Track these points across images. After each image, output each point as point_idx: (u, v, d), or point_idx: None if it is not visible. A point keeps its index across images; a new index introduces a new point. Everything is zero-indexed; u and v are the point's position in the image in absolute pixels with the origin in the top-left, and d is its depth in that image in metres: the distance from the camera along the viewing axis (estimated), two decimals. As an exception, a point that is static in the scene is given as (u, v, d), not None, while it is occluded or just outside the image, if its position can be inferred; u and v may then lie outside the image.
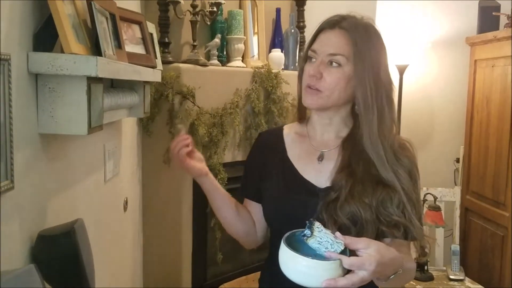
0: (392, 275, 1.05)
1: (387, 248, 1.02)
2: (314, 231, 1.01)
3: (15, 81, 0.85)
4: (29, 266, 0.79)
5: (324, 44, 1.23)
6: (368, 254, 0.97)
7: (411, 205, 1.19)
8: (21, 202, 0.89)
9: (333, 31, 1.23)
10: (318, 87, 1.22)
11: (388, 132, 1.23)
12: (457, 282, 2.67)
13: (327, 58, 1.21)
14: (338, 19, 1.24)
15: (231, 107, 2.30)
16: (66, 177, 1.14)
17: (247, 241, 1.40)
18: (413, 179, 1.23)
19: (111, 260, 1.59)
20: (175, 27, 2.24)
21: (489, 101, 2.88)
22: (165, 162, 2.11)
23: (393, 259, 1.02)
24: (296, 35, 2.80)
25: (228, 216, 1.34)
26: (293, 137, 1.36)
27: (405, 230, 1.18)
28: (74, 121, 0.96)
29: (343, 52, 1.20)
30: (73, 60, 0.91)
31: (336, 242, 0.99)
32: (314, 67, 1.22)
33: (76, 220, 0.99)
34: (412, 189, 1.21)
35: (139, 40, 1.46)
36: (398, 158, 1.22)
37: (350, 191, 1.18)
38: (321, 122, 1.31)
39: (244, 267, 2.54)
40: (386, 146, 1.21)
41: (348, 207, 1.16)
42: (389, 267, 1.02)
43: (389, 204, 1.17)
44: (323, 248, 0.99)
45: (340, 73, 1.21)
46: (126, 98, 1.37)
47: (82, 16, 1.05)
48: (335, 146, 1.29)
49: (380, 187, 1.18)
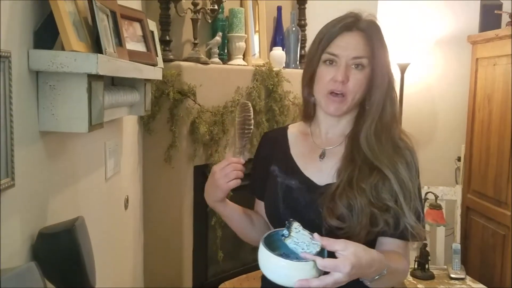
0: (375, 276, 1.05)
1: (365, 250, 1.02)
2: (292, 232, 1.02)
3: (16, 79, 0.85)
4: (30, 264, 0.79)
5: (346, 48, 1.21)
6: (343, 256, 0.97)
7: (407, 196, 1.19)
8: (21, 200, 0.89)
9: (352, 33, 1.22)
10: (344, 92, 1.21)
11: (388, 126, 1.24)
12: (458, 281, 2.66)
13: (352, 62, 1.20)
14: (353, 20, 1.23)
15: (232, 105, 2.30)
16: (67, 174, 1.14)
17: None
18: (413, 171, 1.23)
19: (112, 258, 1.59)
20: (176, 25, 2.24)
21: (490, 99, 2.87)
22: (166, 160, 2.11)
23: (371, 260, 1.02)
24: (297, 33, 2.80)
25: (245, 230, 1.36)
26: (297, 135, 1.37)
27: (396, 217, 1.17)
28: (74, 119, 0.96)
29: (365, 54, 1.21)
30: (73, 57, 0.91)
31: (313, 243, 1.00)
32: (341, 71, 1.19)
33: (77, 217, 0.99)
34: (410, 182, 1.20)
35: (140, 37, 1.45)
36: (397, 150, 1.23)
37: (348, 178, 1.19)
38: (328, 123, 1.31)
39: (245, 265, 2.54)
40: (383, 139, 1.22)
41: (346, 195, 1.16)
42: (368, 269, 1.02)
43: (382, 189, 1.18)
44: (299, 248, 1.00)
45: (362, 75, 1.21)
46: (127, 96, 1.37)
47: (83, 13, 1.05)
48: (338, 143, 1.29)
49: (375, 172, 1.19)
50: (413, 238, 1.20)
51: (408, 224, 1.17)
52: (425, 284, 2.60)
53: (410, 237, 1.19)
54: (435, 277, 2.68)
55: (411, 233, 1.18)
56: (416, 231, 1.18)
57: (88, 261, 0.98)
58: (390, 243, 1.20)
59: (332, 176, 1.23)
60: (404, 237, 1.20)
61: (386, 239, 1.21)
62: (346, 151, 1.26)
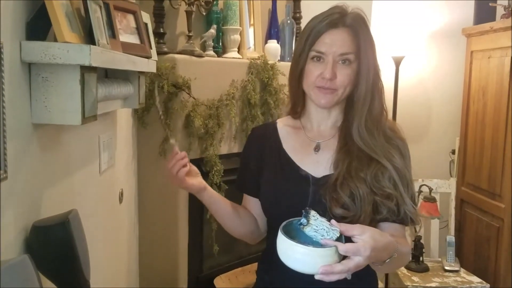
0: (387, 259, 1.08)
1: (381, 233, 1.06)
2: (310, 220, 1.03)
3: (8, 71, 0.84)
4: (23, 257, 0.79)
5: (332, 45, 1.23)
6: (362, 240, 1.00)
7: (404, 184, 1.24)
8: (14, 192, 0.88)
9: (338, 30, 1.24)
10: (333, 88, 1.24)
11: (378, 119, 1.27)
12: (452, 273, 2.68)
13: (338, 58, 1.23)
14: (338, 16, 1.24)
15: (227, 98, 2.29)
16: (61, 167, 1.13)
17: (251, 238, 1.43)
18: (406, 159, 1.28)
19: (107, 252, 1.58)
20: (170, 17, 2.22)
21: (485, 92, 2.88)
22: (161, 154, 2.10)
23: (387, 244, 1.05)
24: (292, 26, 2.79)
25: (231, 222, 1.37)
26: (287, 130, 1.37)
27: (397, 204, 1.22)
28: (67, 111, 0.95)
29: (352, 50, 1.23)
30: (66, 48, 0.90)
31: (332, 229, 1.02)
32: (328, 69, 1.22)
33: (71, 210, 0.98)
34: (405, 169, 1.25)
35: (133, 29, 1.44)
36: (390, 141, 1.27)
37: (347, 168, 1.22)
38: (319, 116, 1.33)
39: (240, 258, 2.54)
40: (375, 133, 1.26)
41: (347, 184, 1.19)
42: (384, 252, 1.05)
43: (381, 178, 1.22)
44: (319, 235, 1.02)
45: (350, 70, 1.24)
46: (120, 88, 1.36)
47: (76, 4, 1.04)
48: (331, 135, 1.31)
49: (374, 162, 1.23)
50: (412, 223, 1.25)
51: (408, 210, 1.22)
52: (419, 277, 2.62)
53: (410, 222, 1.25)
54: (430, 270, 2.70)
55: (410, 218, 1.24)
56: (414, 216, 1.24)
57: (82, 255, 0.97)
58: (390, 228, 1.24)
59: (328, 168, 1.26)
60: (404, 222, 1.25)
61: (386, 224, 1.24)
62: (340, 143, 1.28)
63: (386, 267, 1.11)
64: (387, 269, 1.18)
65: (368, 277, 1.30)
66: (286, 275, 1.07)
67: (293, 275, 1.03)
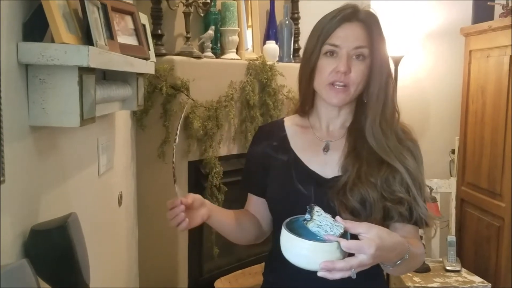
0: (398, 261, 1.05)
1: (389, 233, 1.02)
2: (314, 215, 1.02)
3: (5, 72, 0.83)
4: (22, 261, 0.78)
5: (347, 38, 1.20)
6: (368, 238, 0.97)
7: (417, 186, 1.21)
8: (12, 196, 0.87)
9: (353, 24, 1.22)
10: (346, 83, 1.20)
11: (390, 119, 1.25)
12: (453, 273, 2.67)
13: (353, 52, 1.20)
14: (352, 11, 1.23)
15: (226, 99, 2.28)
16: (59, 170, 1.12)
17: (256, 240, 1.41)
18: (418, 161, 1.26)
19: (106, 255, 1.57)
20: (168, 18, 2.22)
21: (484, 91, 2.87)
22: (160, 156, 2.09)
23: (395, 244, 1.02)
24: (291, 27, 2.78)
25: (234, 235, 1.34)
26: (295, 129, 1.35)
27: (410, 208, 1.19)
28: (66, 113, 0.93)
29: (366, 44, 1.21)
30: (64, 50, 0.89)
31: (336, 225, 1.00)
32: (343, 62, 1.19)
33: (70, 214, 0.97)
34: (418, 171, 1.23)
35: (131, 31, 1.43)
36: (402, 142, 1.24)
37: (357, 173, 1.19)
38: (329, 115, 1.30)
39: (240, 261, 2.53)
40: (388, 133, 1.23)
41: (357, 189, 1.16)
42: (392, 252, 1.02)
43: (393, 182, 1.19)
44: (322, 231, 1.00)
45: (363, 66, 1.21)
46: (119, 90, 1.35)
47: (73, 5, 1.02)
48: (340, 136, 1.29)
49: (384, 166, 1.20)
50: (426, 225, 1.23)
51: (421, 213, 1.20)
52: (420, 277, 2.61)
53: (424, 224, 1.22)
54: (431, 270, 2.69)
55: (424, 221, 1.22)
56: (427, 218, 1.22)
57: (82, 258, 0.96)
58: (403, 229, 1.21)
59: (337, 170, 1.23)
60: (417, 224, 1.22)
61: (399, 225, 1.21)
62: (349, 145, 1.25)
63: (398, 268, 1.08)
64: (399, 271, 1.14)
65: (376, 277, 1.26)
66: (291, 275, 1.06)
67: (298, 275, 1.01)
